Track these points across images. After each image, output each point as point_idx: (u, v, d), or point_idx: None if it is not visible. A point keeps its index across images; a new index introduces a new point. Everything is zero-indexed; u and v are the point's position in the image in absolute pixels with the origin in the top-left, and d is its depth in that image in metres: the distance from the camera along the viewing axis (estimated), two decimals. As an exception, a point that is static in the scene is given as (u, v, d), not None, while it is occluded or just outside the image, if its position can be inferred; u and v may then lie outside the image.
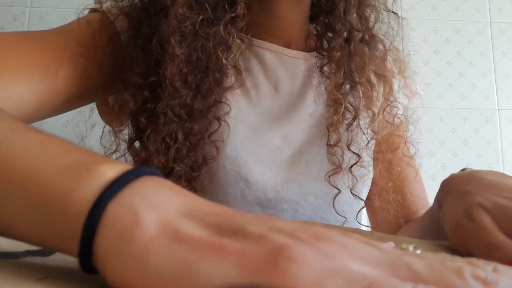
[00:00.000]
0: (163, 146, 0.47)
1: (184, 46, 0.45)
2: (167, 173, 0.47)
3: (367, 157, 0.56)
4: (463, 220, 0.33)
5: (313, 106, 0.55)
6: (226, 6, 0.48)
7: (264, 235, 0.17)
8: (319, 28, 0.58)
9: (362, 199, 0.55)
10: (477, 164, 1.14)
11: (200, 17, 0.46)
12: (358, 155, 0.52)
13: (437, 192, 0.42)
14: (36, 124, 0.35)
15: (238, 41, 0.51)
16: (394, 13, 0.57)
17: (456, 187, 0.38)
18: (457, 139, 1.15)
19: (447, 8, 1.21)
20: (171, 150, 0.47)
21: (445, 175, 0.42)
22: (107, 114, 0.57)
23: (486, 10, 1.21)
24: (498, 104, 1.17)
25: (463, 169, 0.44)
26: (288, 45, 0.57)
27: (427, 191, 0.63)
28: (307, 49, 0.58)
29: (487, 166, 1.14)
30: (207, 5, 0.47)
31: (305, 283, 0.15)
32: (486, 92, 1.18)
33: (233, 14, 0.48)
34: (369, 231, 0.46)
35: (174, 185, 0.21)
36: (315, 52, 0.58)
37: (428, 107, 1.15)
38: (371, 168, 0.58)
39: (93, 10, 0.51)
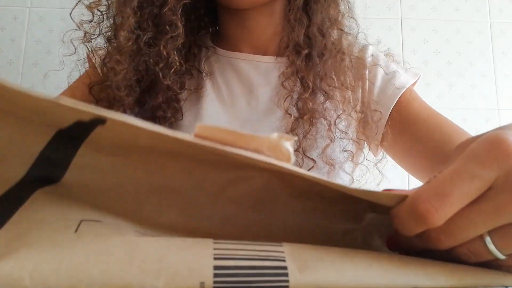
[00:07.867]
0: None
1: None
2: None
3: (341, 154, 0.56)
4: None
5: (283, 110, 0.56)
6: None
7: None
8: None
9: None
10: (477, 165, 1.14)
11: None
12: (313, 160, 0.53)
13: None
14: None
15: (204, 49, 0.61)
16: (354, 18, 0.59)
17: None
18: (457, 140, 1.14)
19: (447, 8, 1.21)
20: None
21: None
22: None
23: (486, 10, 1.21)
24: (498, 104, 1.17)
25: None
26: (264, 53, 0.60)
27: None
28: (284, 54, 0.59)
29: (487, 167, 1.14)
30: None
31: None
32: (486, 92, 1.17)
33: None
34: None
35: None
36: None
37: (428, 107, 1.14)
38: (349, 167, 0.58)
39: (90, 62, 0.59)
